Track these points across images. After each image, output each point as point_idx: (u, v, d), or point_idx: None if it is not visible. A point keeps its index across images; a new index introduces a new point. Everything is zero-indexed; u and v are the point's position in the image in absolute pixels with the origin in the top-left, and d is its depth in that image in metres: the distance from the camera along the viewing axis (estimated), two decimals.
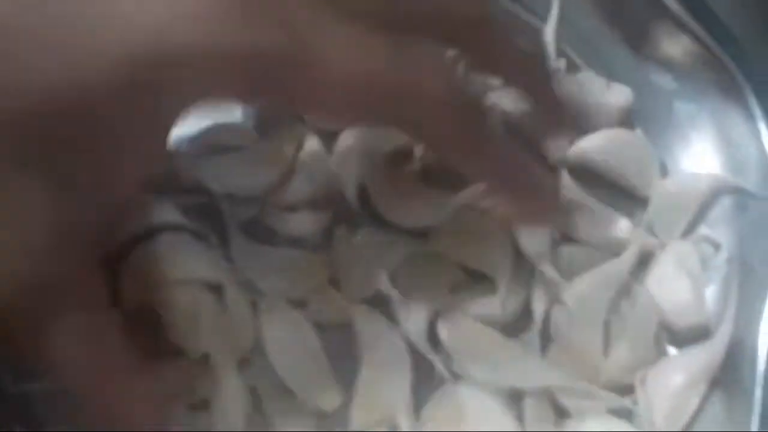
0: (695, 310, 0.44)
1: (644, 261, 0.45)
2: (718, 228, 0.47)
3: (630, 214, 0.46)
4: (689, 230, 0.46)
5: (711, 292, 0.45)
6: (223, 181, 0.44)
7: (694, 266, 0.45)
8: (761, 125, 0.46)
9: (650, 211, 0.46)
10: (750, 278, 0.45)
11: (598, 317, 0.43)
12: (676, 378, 0.42)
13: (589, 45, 0.50)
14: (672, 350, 0.43)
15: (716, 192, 0.47)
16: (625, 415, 0.41)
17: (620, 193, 0.47)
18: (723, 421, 0.42)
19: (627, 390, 0.41)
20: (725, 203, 0.47)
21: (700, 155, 0.48)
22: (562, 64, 0.48)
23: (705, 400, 0.42)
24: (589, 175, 0.47)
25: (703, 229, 0.47)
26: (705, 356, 0.42)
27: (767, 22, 0.47)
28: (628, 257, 0.44)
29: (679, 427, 0.41)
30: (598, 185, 0.47)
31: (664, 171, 0.48)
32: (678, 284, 0.45)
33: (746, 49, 0.46)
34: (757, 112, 0.46)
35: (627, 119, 0.48)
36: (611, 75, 0.49)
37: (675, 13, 0.47)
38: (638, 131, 0.48)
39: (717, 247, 0.46)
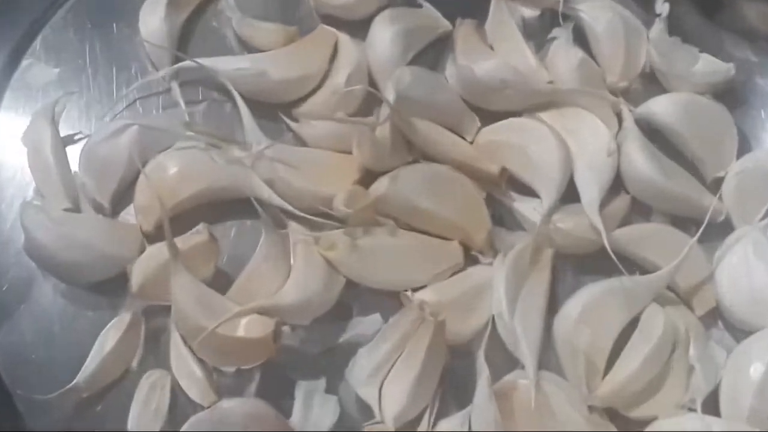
0: None
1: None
2: None
3: (697, 195, 0.44)
4: None
5: None
6: None
7: None
8: None
9: (726, 191, 0.44)
10: None
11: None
12: (756, 366, 0.40)
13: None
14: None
15: None
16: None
17: (690, 167, 0.45)
18: None
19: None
20: None
21: None
22: (665, 9, 0.46)
23: None
24: (658, 141, 0.44)
25: None
26: None
27: None
28: (661, 278, 0.42)
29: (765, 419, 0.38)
30: (668, 154, 0.44)
31: (743, 149, 0.45)
32: (754, 274, 0.42)
33: None
34: None
35: (710, 92, 0.46)
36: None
37: None
38: (720, 105, 0.45)
39: None
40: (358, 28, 0.45)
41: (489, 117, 0.45)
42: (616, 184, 0.43)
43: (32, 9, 0.46)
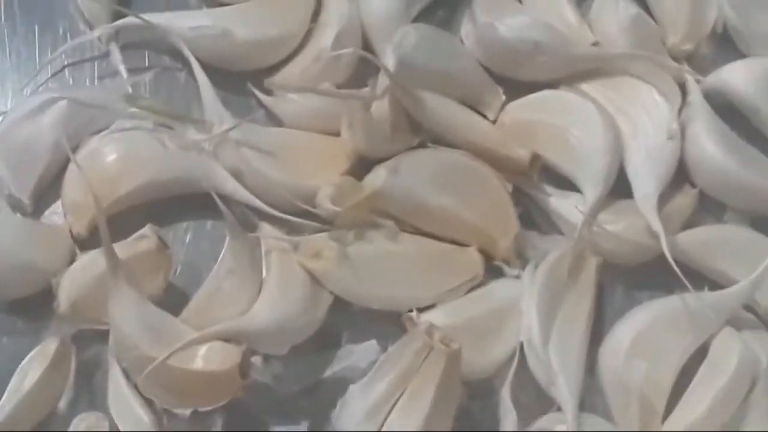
0: None
1: None
2: None
3: None
4: None
5: None
6: None
7: None
8: None
9: None
10: None
11: None
12: None
13: None
14: None
15: None
16: None
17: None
18: None
19: None
20: None
21: None
22: None
23: None
24: (733, 120, 0.41)
25: None
26: None
27: None
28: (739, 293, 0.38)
29: None
30: (745, 137, 0.41)
31: None
32: None
33: None
34: None
35: None
36: None
37: None
38: None
39: None
40: None
41: (517, 89, 0.43)
42: (680, 176, 0.41)
43: None
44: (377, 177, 0.40)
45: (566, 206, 0.40)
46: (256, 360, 0.37)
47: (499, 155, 0.41)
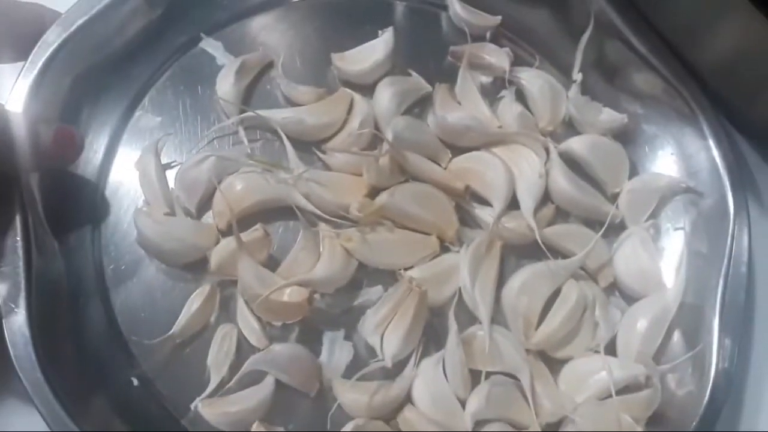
0: (652, 276, 0.43)
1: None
2: (675, 217, 0.45)
3: (601, 204, 0.45)
4: (651, 217, 0.45)
5: (668, 264, 0.44)
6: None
7: (652, 245, 0.44)
8: (711, 142, 0.44)
9: (621, 202, 0.44)
10: (698, 256, 0.43)
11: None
12: (641, 321, 0.41)
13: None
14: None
15: (673, 190, 0.45)
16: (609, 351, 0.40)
17: (596, 186, 0.45)
18: (681, 353, 0.40)
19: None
20: (682, 198, 0.45)
21: (662, 163, 0.46)
22: (579, 78, 0.47)
23: (667, 340, 0.41)
24: (574, 167, 0.45)
25: (663, 217, 0.45)
26: (661, 306, 0.41)
27: (716, 63, 0.45)
28: (576, 261, 0.42)
29: (650, 356, 0.40)
30: (580, 177, 0.45)
31: (633, 172, 0.46)
32: (640, 258, 0.43)
33: (699, 84, 0.45)
34: (708, 132, 0.44)
35: (611, 134, 0.46)
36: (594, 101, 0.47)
37: (643, 54, 0.45)
38: (617, 143, 0.46)
39: (674, 230, 0.45)
40: (367, 90, 0.46)
41: (457, 151, 0.45)
42: (545, 197, 0.44)
43: (142, 76, 0.46)
44: (382, 197, 0.41)
45: (484, 214, 0.43)
46: (316, 296, 0.40)
47: (447, 186, 0.43)
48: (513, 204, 0.43)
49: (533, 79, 0.46)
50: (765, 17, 0.37)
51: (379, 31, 0.47)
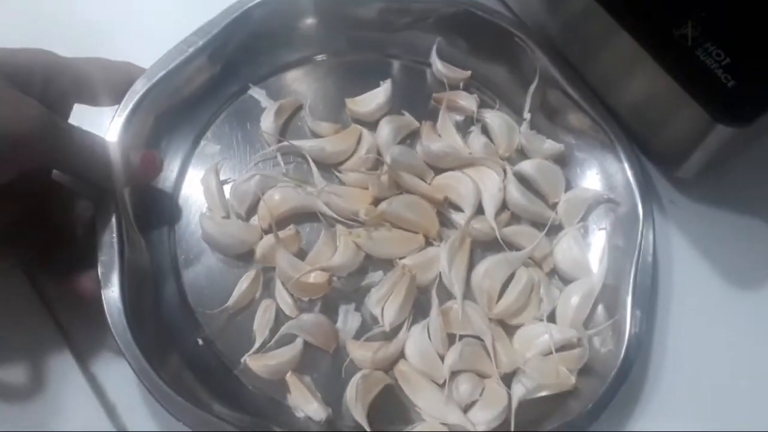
0: (582, 264, 0.43)
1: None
2: (599, 220, 0.45)
3: (545, 210, 0.45)
4: (582, 220, 0.45)
5: (594, 255, 0.43)
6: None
7: (582, 241, 0.44)
8: (626, 165, 0.44)
9: (559, 209, 0.44)
10: (616, 249, 0.43)
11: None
12: (574, 297, 0.41)
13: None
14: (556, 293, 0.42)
15: (598, 200, 0.45)
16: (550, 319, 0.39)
17: (540, 197, 0.45)
18: (604, 321, 0.40)
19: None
20: (604, 206, 0.45)
21: (589, 181, 0.46)
22: (528, 116, 0.46)
23: (593, 311, 0.41)
24: (524, 184, 0.45)
25: (590, 220, 0.45)
26: (589, 285, 0.41)
27: (629, 106, 0.45)
28: (526, 252, 0.42)
29: (581, 323, 0.40)
30: (529, 191, 0.45)
31: (568, 187, 0.46)
32: (573, 251, 0.43)
33: (617, 121, 0.45)
34: (623, 157, 0.44)
35: (552, 159, 0.46)
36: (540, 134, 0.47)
37: (576, 99, 0.45)
38: (556, 165, 0.46)
39: (599, 230, 0.44)
40: (372, 126, 0.45)
41: (438, 171, 0.45)
42: (503, 206, 0.44)
43: (205, 115, 0.46)
44: (383, 205, 0.41)
45: (458, 218, 0.43)
46: (334, 278, 0.39)
47: (431, 197, 0.42)
48: (479, 210, 0.43)
49: (494, 118, 0.46)
50: (664, 71, 0.38)
51: (381, 82, 0.47)
